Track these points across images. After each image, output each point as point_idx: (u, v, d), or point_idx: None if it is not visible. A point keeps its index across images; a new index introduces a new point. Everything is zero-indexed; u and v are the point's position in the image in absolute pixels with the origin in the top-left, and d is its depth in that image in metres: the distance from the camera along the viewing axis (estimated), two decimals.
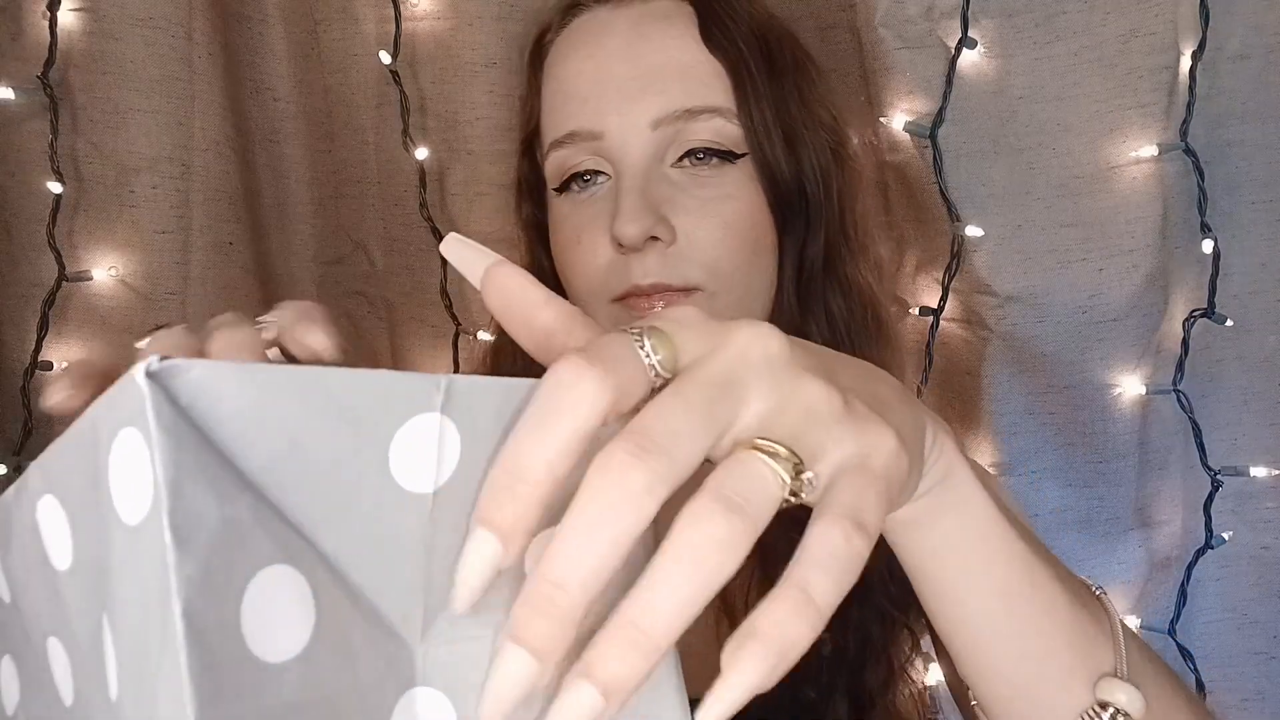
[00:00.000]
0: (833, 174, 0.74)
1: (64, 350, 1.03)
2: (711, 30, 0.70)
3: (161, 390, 0.27)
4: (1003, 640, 0.45)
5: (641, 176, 0.68)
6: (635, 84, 0.68)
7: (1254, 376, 1.04)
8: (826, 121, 0.75)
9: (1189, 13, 0.98)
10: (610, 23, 0.72)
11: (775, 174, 0.70)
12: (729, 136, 0.69)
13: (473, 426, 0.34)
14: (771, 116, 0.70)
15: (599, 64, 0.70)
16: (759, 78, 0.70)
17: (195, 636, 0.26)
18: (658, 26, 0.70)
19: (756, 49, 0.71)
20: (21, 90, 0.99)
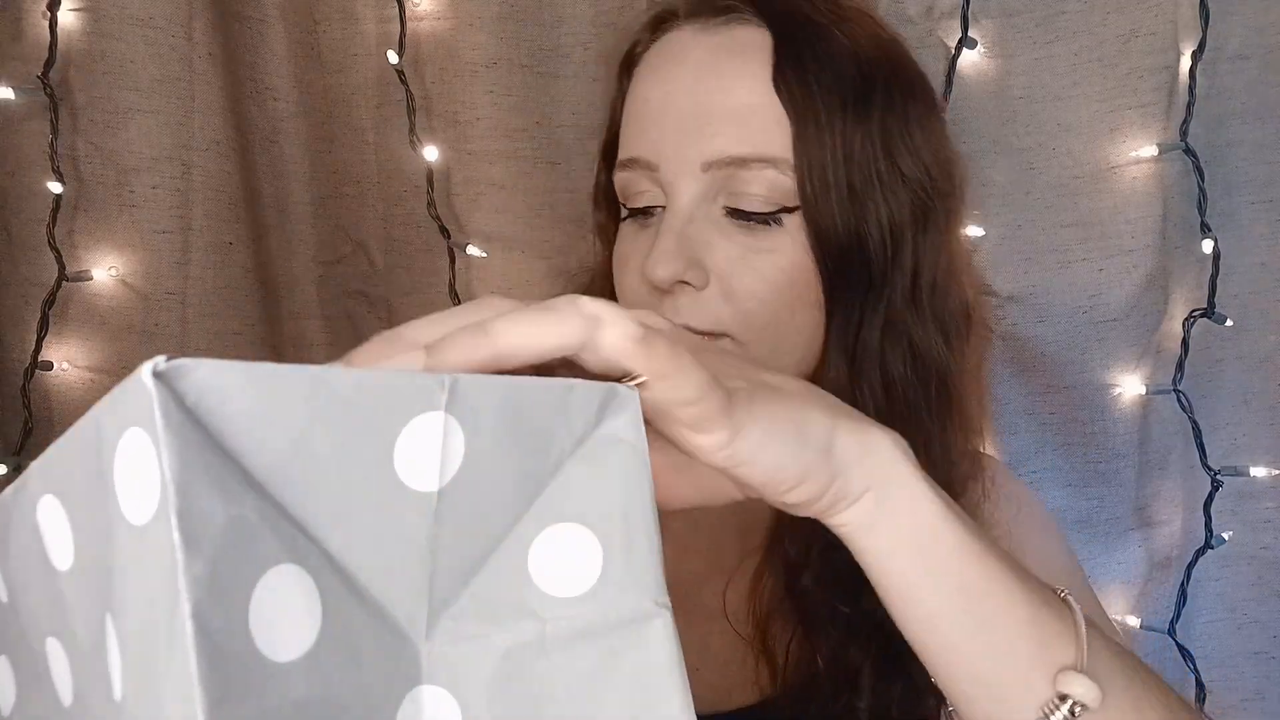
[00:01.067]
0: (906, 233, 0.68)
1: (64, 350, 1.03)
2: (785, 71, 0.65)
3: (168, 390, 0.27)
4: (964, 638, 0.46)
5: (683, 217, 0.66)
6: (694, 122, 0.66)
7: (1254, 376, 1.04)
8: (912, 174, 0.68)
9: (1189, 13, 0.98)
10: (688, 50, 0.68)
11: (827, 232, 0.65)
12: (780, 190, 0.65)
13: (477, 425, 0.34)
14: (835, 169, 0.65)
15: (667, 94, 0.68)
16: (828, 126, 0.65)
17: (204, 636, 0.26)
18: (731, 61, 0.66)
19: (836, 92, 0.65)
20: (21, 90, 0.99)
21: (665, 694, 0.37)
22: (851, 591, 0.64)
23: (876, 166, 0.66)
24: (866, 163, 0.66)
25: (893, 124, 0.67)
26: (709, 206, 0.66)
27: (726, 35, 0.68)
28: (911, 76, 0.71)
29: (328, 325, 1.17)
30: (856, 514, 0.45)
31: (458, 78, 1.09)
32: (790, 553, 0.69)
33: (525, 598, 0.37)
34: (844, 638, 0.67)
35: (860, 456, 0.45)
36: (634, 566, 0.38)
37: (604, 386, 0.39)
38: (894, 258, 0.67)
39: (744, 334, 0.66)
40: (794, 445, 0.43)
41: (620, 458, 0.39)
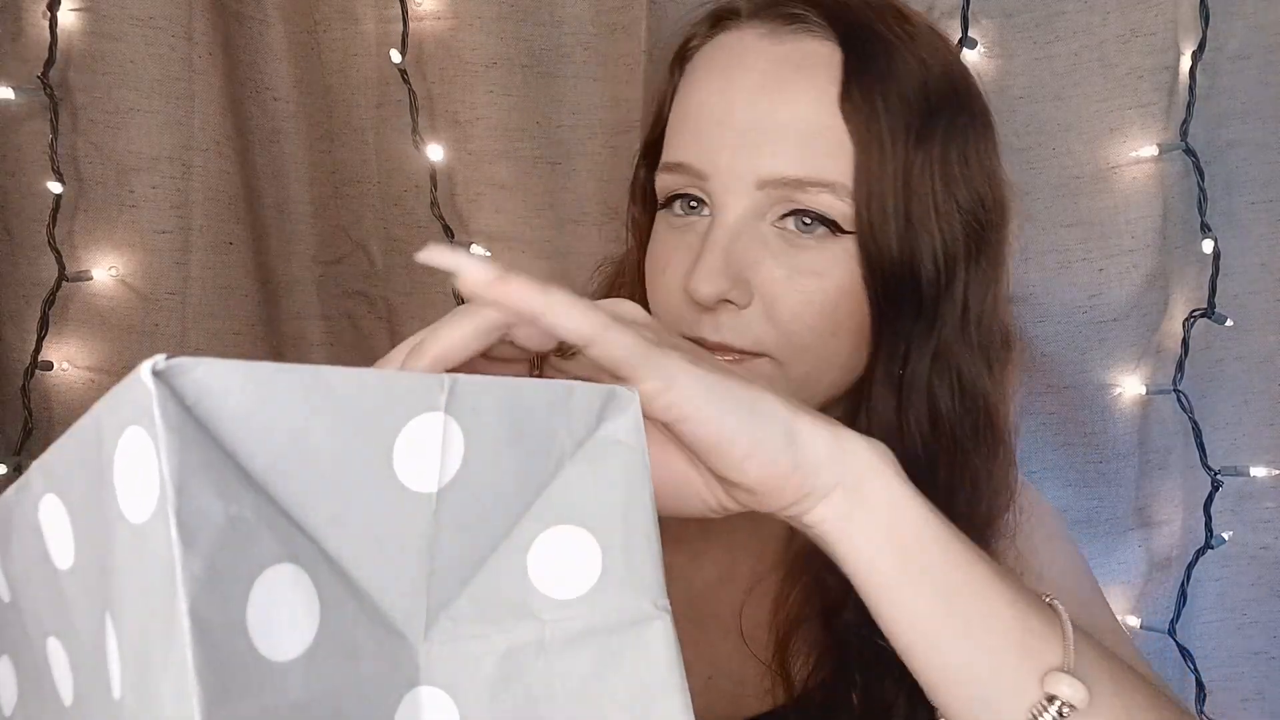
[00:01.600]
0: (959, 265, 0.66)
1: (64, 350, 1.03)
2: (853, 92, 0.63)
3: (168, 389, 0.27)
4: (950, 640, 0.46)
5: (732, 233, 0.63)
6: (752, 137, 0.63)
7: (1254, 376, 1.04)
8: (968, 205, 0.66)
9: (1189, 13, 0.98)
10: (752, 56, 0.65)
11: (882, 261, 0.63)
12: (838, 213, 0.63)
13: (477, 426, 0.34)
14: (894, 197, 0.63)
15: (725, 101, 0.64)
16: (891, 152, 0.62)
17: (201, 634, 0.26)
18: (798, 76, 0.63)
19: (902, 117, 0.63)
20: (21, 90, 0.99)
21: (665, 696, 0.37)
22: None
23: (934, 197, 0.64)
24: (925, 192, 0.64)
25: (953, 153, 0.66)
26: (757, 223, 0.64)
27: (794, 46, 0.65)
28: (975, 103, 0.70)
29: (328, 325, 1.17)
30: (828, 511, 0.45)
31: (458, 78, 1.09)
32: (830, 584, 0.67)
33: (524, 599, 0.37)
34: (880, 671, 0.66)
35: (832, 453, 0.45)
36: (634, 568, 0.38)
37: (604, 388, 0.39)
38: (946, 289, 0.66)
39: (783, 355, 0.64)
40: (742, 413, 0.43)
41: (620, 459, 0.39)
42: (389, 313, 1.16)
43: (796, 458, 0.44)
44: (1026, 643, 0.46)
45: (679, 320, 0.65)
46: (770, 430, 0.44)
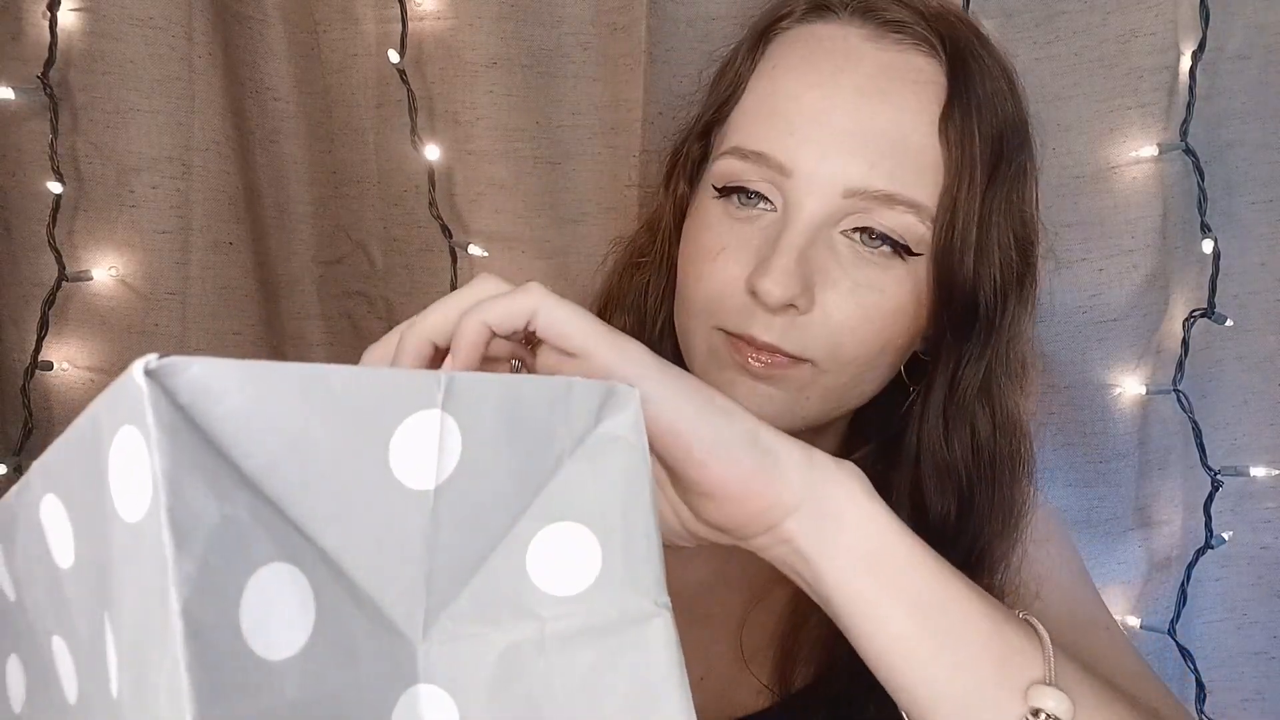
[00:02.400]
0: (1011, 298, 0.67)
1: (64, 350, 1.03)
2: (954, 116, 0.62)
3: (160, 388, 0.27)
4: (928, 657, 0.46)
5: (806, 236, 0.62)
6: (849, 142, 0.61)
7: (1254, 376, 1.04)
8: (1021, 239, 0.68)
9: (1189, 13, 0.98)
10: (855, 56, 0.63)
11: (954, 284, 0.64)
12: (914, 235, 0.62)
13: (474, 423, 0.34)
14: (971, 228, 0.63)
15: (823, 98, 0.62)
16: (978, 182, 0.63)
17: (194, 634, 0.26)
18: (903, 88, 0.63)
19: (989, 148, 0.63)
20: (21, 90, 0.99)
21: (665, 694, 0.37)
22: None
23: (999, 230, 0.65)
24: (994, 225, 0.64)
25: (1015, 190, 0.66)
26: (830, 230, 0.63)
27: (899, 56, 0.64)
28: (1030, 141, 0.70)
29: (328, 325, 1.17)
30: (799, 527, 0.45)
31: (458, 78, 1.09)
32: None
33: (524, 597, 0.37)
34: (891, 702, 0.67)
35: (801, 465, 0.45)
36: (634, 566, 0.38)
37: (604, 385, 0.39)
38: (999, 321, 0.66)
39: (827, 364, 0.64)
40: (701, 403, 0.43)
41: (620, 457, 0.39)
42: (389, 313, 1.16)
43: (761, 461, 0.44)
44: (1007, 657, 0.46)
45: (727, 311, 0.64)
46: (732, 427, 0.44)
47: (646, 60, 1.04)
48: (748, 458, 0.44)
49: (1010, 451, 0.69)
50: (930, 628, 0.46)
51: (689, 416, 0.43)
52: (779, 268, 0.61)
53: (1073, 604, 0.70)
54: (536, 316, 0.42)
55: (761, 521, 0.45)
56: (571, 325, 0.42)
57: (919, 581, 0.46)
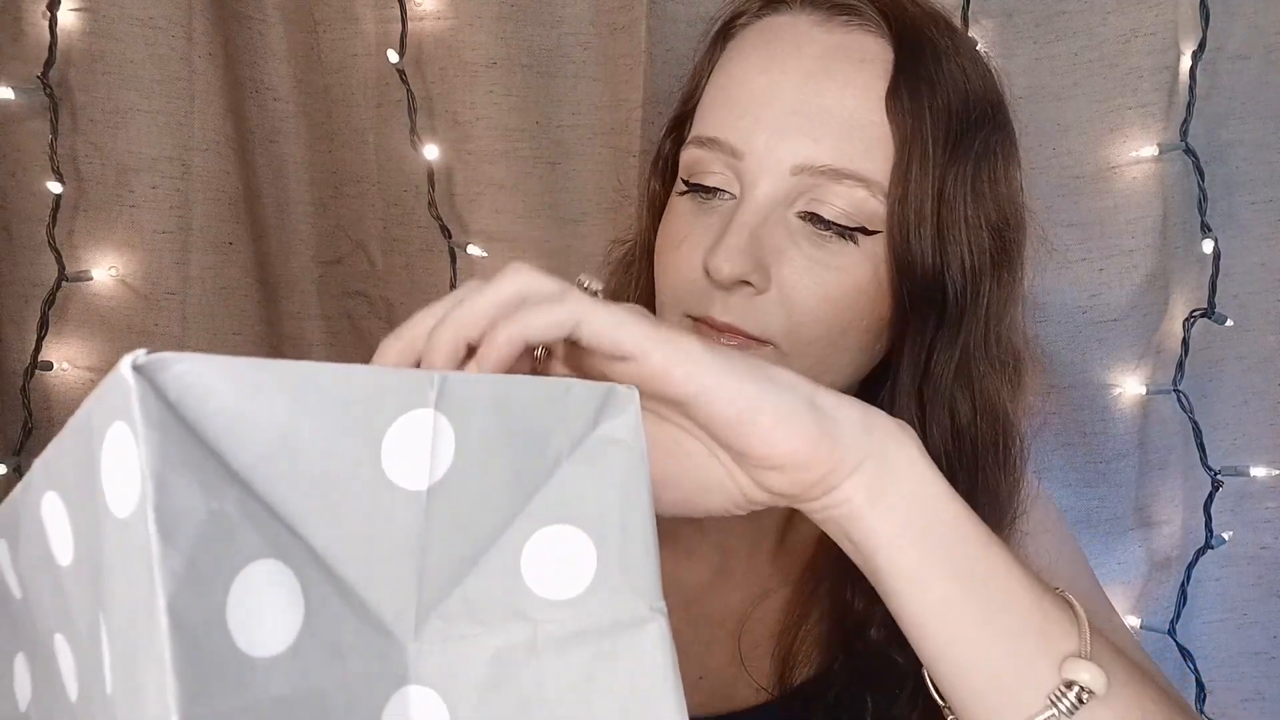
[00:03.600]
0: (984, 279, 0.66)
1: (64, 350, 1.03)
2: (901, 92, 0.62)
3: (149, 384, 0.27)
4: (972, 624, 0.45)
5: (759, 215, 0.62)
6: (794, 120, 0.62)
7: (1254, 376, 1.04)
8: (994, 221, 0.66)
9: (1189, 13, 0.98)
10: (803, 40, 0.64)
11: (913, 263, 0.63)
12: (866, 212, 0.62)
13: (468, 423, 0.34)
14: (929, 205, 0.62)
15: (771, 82, 0.63)
16: (931, 159, 0.62)
17: (179, 630, 0.26)
18: (847, 67, 0.63)
19: (943, 124, 0.63)
20: (21, 90, 0.99)
21: (659, 699, 0.37)
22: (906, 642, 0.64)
23: (965, 208, 0.64)
24: (956, 203, 0.64)
25: (984, 168, 0.66)
26: (784, 210, 0.63)
27: (846, 37, 0.64)
28: (1006, 123, 0.69)
29: (328, 325, 1.17)
30: (856, 489, 0.44)
31: (458, 78, 1.09)
32: (856, 605, 0.67)
33: (517, 599, 0.36)
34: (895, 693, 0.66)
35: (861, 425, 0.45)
36: (629, 570, 0.38)
37: (603, 387, 0.38)
38: (971, 303, 0.66)
39: (789, 346, 0.64)
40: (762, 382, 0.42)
41: (618, 459, 0.38)
42: (389, 313, 1.16)
43: (823, 425, 0.43)
44: (1045, 629, 0.46)
45: (688, 296, 0.65)
46: (793, 399, 0.43)
47: (646, 60, 1.04)
48: (813, 425, 0.43)
49: (994, 437, 0.68)
50: (975, 595, 0.45)
51: (754, 398, 0.42)
52: (728, 244, 0.61)
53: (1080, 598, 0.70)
54: (580, 328, 0.41)
55: (824, 485, 0.44)
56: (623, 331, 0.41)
57: (967, 548, 0.46)
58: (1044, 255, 1.01)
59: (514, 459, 0.36)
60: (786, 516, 0.73)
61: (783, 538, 0.74)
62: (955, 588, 0.45)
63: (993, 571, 0.46)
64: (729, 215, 0.63)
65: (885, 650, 0.66)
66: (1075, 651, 0.46)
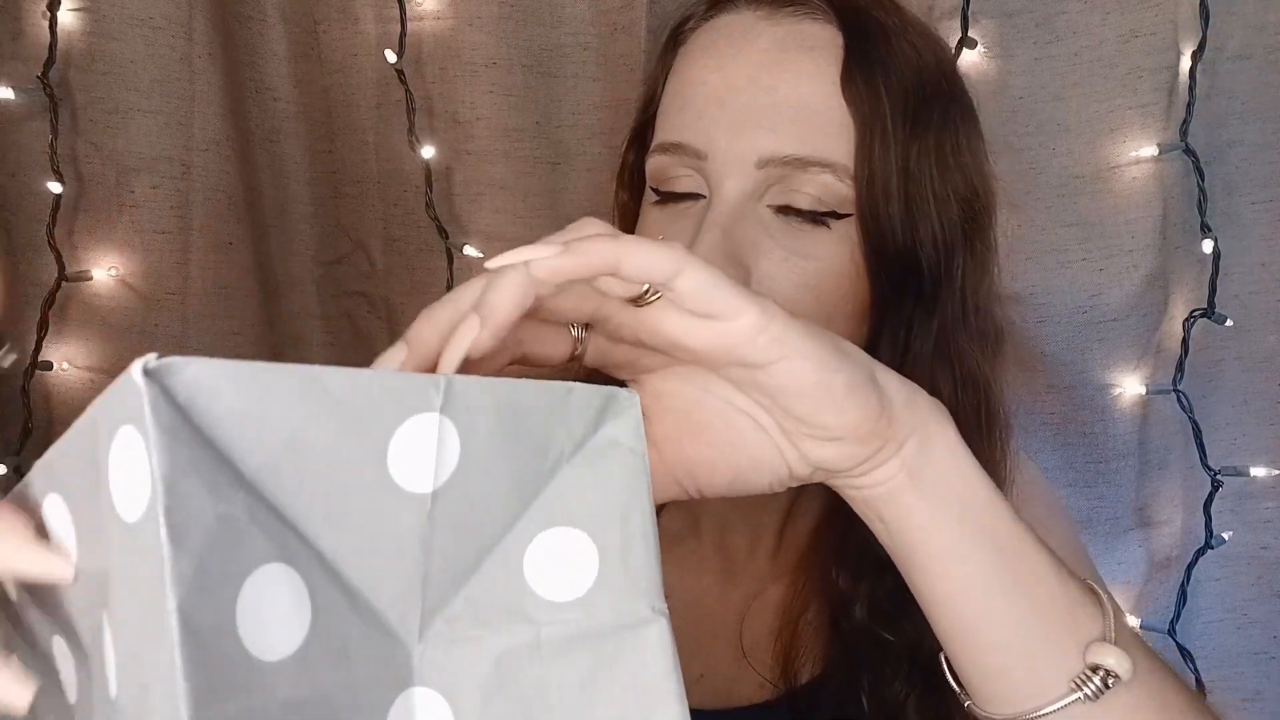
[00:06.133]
0: (957, 251, 0.66)
1: (64, 350, 1.03)
2: (854, 73, 0.63)
3: (159, 388, 0.27)
4: (1001, 603, 0.45)
5: (730, 213, 0.62)
6: (751, 115, 0.62)
7: (1254, 376, 1.04)
8: (962, 192, 0.67)
9: (1189, 13, 0.98)
10: (751, 35, 0.65)
11: (886, 241, 0.63)
12: (836, 196, 0.62)
13: (472, 427, 0.34)
14: (895, 181, 0.63)
15: (724, 80, 0.64)
16: (892, 136, 0.63)
17: (189, 634, 0.26)
18: (798, 56, 0.63)
19: (900, 101, 0.63)
20: (21, 90, 0.99)
21: (660, 700, 0.37)
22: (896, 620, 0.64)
23: (932, 182, 0.65)
24: (923, 178, 0.64)
25: (946, 140, 0.66)
26: (755, 205, 0.63)
27: (794, 27, 0.65)
28: (963, 94, 0.70)
29: (328, 325, 1.17)
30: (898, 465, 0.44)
31: (458, 77, 1.09)
32: (841, 585, 0.67)
33: (520, 601, 0.37)
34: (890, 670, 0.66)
35: (907, 400, 0.44)
36: (631, 572, 0.38)
37: (605, 390, 0.39)
38: (946, 276, 0.66)
39: None
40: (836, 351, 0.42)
41: (620, 462, 0.39)
42: (389, 313, 1.16)
43: (881, 400, 0.43)
44: (1071, 612, 0.46)
45: None
46: (859, 370, 0.43)
47: (646, 60, 1.04)
48: (874, 399, 0.43)
49: (977, 409, 0.68)
50: (1006, 573, 0.45)
51: (834, 367, 0.41)
52: (702, 244, 0.61)
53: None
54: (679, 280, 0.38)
55: (874, 460, 0.44)
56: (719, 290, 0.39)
57: (1000, 527, 0.45)
58: (1044, 253, 1.02)
59: (517, 462, 0.36)
60: (785, 513, 0.73)
61: (781, 535, 0.74)
62: (986, 567, 0.45)
63: (1022, 554, 0.46)
64: (700, 217, 0.63)
65: (872, 628, 0.66)
66: (1101, 636, 0.45)
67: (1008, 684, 0.46)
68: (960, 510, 0.45)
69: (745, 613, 0.73)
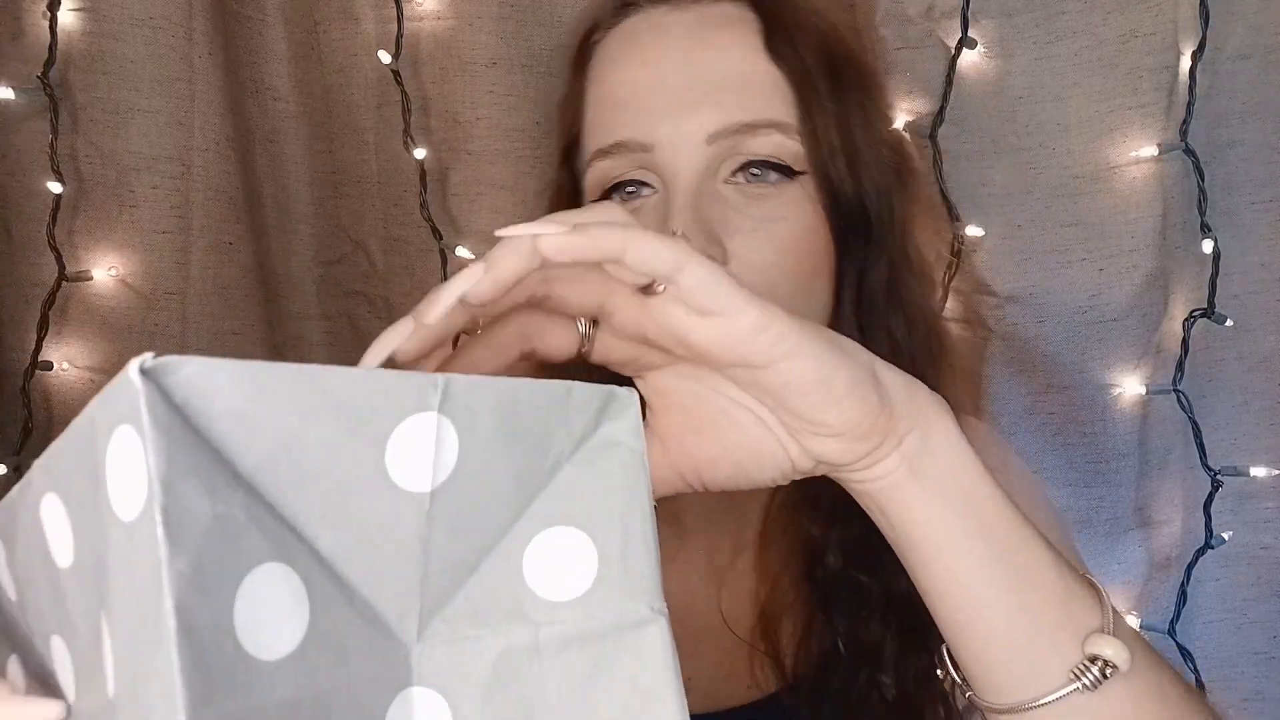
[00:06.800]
0: (895, 195, 0.70)
1: (64, 350, 1.03)
2: (776, 39, 0.65)
3: (156, 387, 0.27)
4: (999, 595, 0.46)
5: (693, 194, 0.63)
6: (691, 94, 0.64)
7: (1254, 376, 1.04)
8: (888, 140, 0.71)
9: (1189, 13, 0.98)
10: (666, 26, 0.67)
11: (838, 193, 0.66)
12: (788, 152, 0.64)
13: (471, 426, 0.34)
14: (835, 134, 0.65)
15: (653, 71, 0.65)
16: (823, 92, 0.65)
17: (187, 633, 0.26)
18: (718, 33, 0.66)
19: (822, 62, 0.66)
20: (21, 90, 0.99)
21: (660, 700, 0.37)
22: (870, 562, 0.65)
23: (863, 132, 0.68)
24: (855, 129, 0.67)
25: (864, 97, 0.69)
26: (713, 183, 0.64)
27: (704, 10, 0.67)
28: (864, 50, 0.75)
29: (328, 325, 1.17)
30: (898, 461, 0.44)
31: (458, 77, 1.09)
32: (813, 534, 0.68)
33: (520, 601, 0.36)
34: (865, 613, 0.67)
35: (907, 395, 0.45)
36: (630, 572, 0.38)
37: (604, 389, 0.39)
38: (889, 217, 0.69)
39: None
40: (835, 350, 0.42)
41: (619, 461, 0.39)
42: (389, 313, 1.16)
43: (882, 395, 0.43)
44: (1069, 604, 0.46)
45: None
46: (859, 367, 0.43)
47: None
48: (875, 395, 0.43)
49: (928, 347, 0.71)
50: (1004, 567, 0.46)
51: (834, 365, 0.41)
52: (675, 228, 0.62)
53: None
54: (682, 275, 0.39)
55: (873, 456, 0.44)
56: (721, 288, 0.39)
57: (999, 520, 0.46)
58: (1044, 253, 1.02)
59: (516, 461, 0.36)
60: (768, 512, 0.74)
61: (766, 535, 0.74)
62: (986, 560, 0.45)
63: (1021, 545, 0.46)
64: (662, 207, 0.64)
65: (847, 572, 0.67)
66: (1099, 627, 0.46)
67: (1008, 674, 0.46)
68: (960, 503, 0.45)
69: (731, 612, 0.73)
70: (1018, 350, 1.04)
